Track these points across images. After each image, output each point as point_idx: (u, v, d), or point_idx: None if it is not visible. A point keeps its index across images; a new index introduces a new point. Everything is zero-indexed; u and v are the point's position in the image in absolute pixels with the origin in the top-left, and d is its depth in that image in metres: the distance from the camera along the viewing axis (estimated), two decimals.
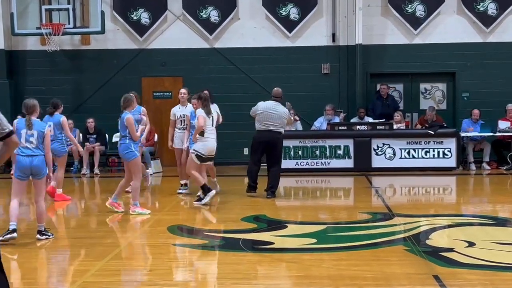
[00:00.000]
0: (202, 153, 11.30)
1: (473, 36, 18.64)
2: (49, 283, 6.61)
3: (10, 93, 18.94)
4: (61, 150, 12.21)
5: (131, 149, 10.53)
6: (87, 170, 17.17)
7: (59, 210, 11.56)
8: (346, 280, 6.42)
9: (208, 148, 11.35)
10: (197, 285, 6.61)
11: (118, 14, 18.97)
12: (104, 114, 17.83)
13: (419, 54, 18.65)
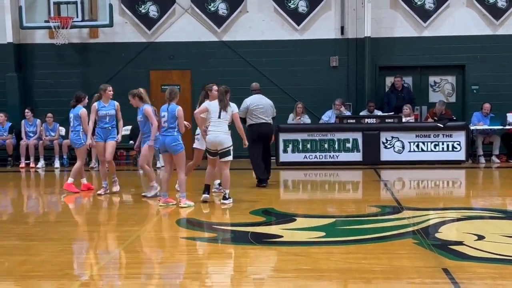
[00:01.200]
0: (206, 147, 11.15)
1: (482, 28, 18.58)
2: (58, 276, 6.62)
3: (19, 86, 18.99)
4: (77, 142, 12.34)
5: (179, 141, 10.59)
6: (96, 163, 17.20)
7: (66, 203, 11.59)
8: (355, 273, 6.42)
9: (209, 141, 10.95)
10: (205, 278, 6.61)
11: (126, 7, 18.99)
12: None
13: (428, 46, 18.60)
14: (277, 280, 6.28)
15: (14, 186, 13.83)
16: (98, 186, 12.57)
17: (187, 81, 19.19)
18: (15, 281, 6.46)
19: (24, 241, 8.49)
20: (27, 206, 11.78)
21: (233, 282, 6.37)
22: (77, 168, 12.51)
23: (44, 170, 17.18)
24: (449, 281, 6.03)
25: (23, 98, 18.91)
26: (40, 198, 11.32)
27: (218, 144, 10.90)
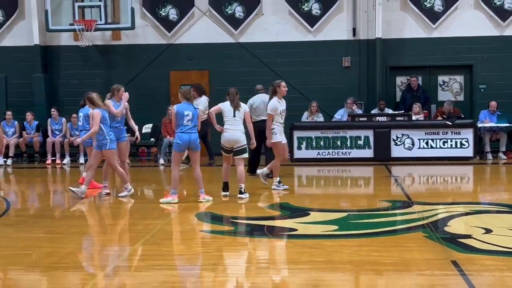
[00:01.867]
0: (221, 144, 11.16)
1: (490, 29, 18.49)
2: (83, 267, 6.66)
3: (45, 87, 19.10)
4: (87, 141, 12.31)
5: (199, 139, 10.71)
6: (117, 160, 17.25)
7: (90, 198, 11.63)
8: (367, 265, 6.40)
9: (224, 139, 11.01)
10: (223, 270, 6.62)
11: (147, 11, 19.04)
12: (134, 107, 17.85)
13: (437, 47, 18.54)
14: (292, 271, 6.28)
15: (41, 182, 13.92)
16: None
17: (205, 81, 19.20)
18: (42, 272, 6.49)
19: (51, 234, 8.53)
20: (53, 200, 11.84)
21: (249, 273, 6.37)
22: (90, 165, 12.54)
23: (69, 166, 17.27)
24: (458, 273, 6.00)
25: (49, 98, 19.01)
26: (65, 193, 11.37)
27: (234, 142, 10.94)
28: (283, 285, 5.83)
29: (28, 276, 6.33)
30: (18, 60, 19.24)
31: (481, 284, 5.66)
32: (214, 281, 6.06)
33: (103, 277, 6.16)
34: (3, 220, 9.33)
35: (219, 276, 6.31)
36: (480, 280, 5.79)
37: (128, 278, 6.19)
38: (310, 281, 5.97)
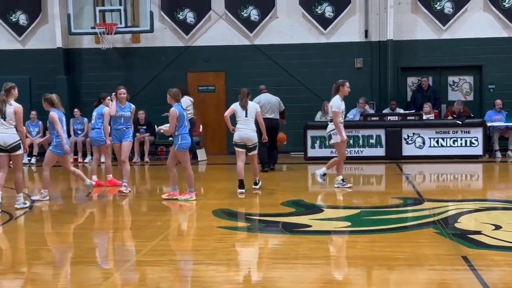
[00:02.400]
0: (234, 141, 11.35)
1: (498, 31, 18.39)
2: (106, 262, 6.69)
3: (68, 88, 19.19)
4: (99, 139, 12.33)
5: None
6: (138, 158, 17.36)
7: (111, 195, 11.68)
8: (379, 260, 6.40)
9: (238, 136, 11.22)
10: (240, 265, 6.63)
11: (165, 14, 19.09)
12: (153, 107, 17.97)
13: (447, 48, 18.45)
14: (306, 266, 6.28)
15: (63, 179, 13.96)
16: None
17: (222, 83, 19.24)
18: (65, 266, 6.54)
19: (73, 230, 8.59)
20: (76, 197, 11.90)
21: (265, 268, 6.38)
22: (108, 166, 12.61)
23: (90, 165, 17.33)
24: (468, 268, 5.98)
25: (72, 98, 19.09)
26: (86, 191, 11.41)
27: (247, 139, 11.21)
28: (297, 280, 5.83)
29: (52, 270, 6.38)
30: (42, 62, 19.35)
31: (491, 279, 5.64)
32: (231, 275, 6.07)
33: (124, 271, 6.19)
34: (28, 216, 9.39)
35: (235, 270, 6.32)
36: (490, 275, 5.77)
37: (148, 272, 6.22)
38: (324, 276, 5.98)
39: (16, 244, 7.85)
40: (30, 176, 15.47)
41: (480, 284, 5.51)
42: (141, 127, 17.87)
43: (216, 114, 19.12)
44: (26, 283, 6.03)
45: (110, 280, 5.87)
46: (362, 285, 5.75)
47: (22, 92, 19.47)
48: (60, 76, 19.14)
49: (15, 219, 9.12)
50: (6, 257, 7.08)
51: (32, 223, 8.97)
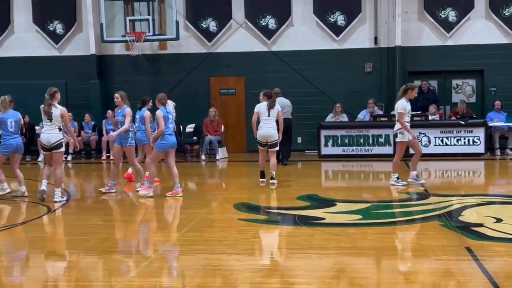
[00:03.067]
0: (257, 139, 11.51)
1: (499, 38, 18.25)
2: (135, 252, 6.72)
3: (100, 91, 19.31)
4: (142, 139, 12.38)
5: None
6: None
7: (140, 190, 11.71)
8: (389, 251, 6.38)
9: (259, 135, 11.42)
10: (259, 254, 6.64)
11: (190, 23, 19.12)
12: (178, 109, 17.96)
13: (451, 54, 18.33)
14: (320, 256, 6.27)
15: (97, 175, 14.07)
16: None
17: (242, 86, 19.25)
18: (98, 255, 6.57)
19: (106, 222, 8.64)
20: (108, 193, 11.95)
21: (282, 257, 6.38)
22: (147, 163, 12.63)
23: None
24: (471, 258, 5.95)
25: (104, 101, 19.19)
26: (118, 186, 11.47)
27: (268, 137, 11.38)
28: (312, 268, 5.82)
29: (86, 259, 6.42)
30: (77, 68, 19.46)
31: (493, 268, 5.59)
32: (251, 264, 6.08)
33: (153, 260, 6.21)
34: (64, 209, 9.46)
35: (255, 259, 6.33)
36: (492, 265, 5.73)
37: (175, 261, 6.25)
38: (337, 265, 5.97)
39: (54, 235, 7.91)
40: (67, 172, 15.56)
41: (482, 273, 5.47)
42: None
43: (236, 115, 19.17)
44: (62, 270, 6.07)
45: (139, 269, 5.89)
46: (372, 274, 5.73)
47: None
48: (93, 81, 19.25)
49: (53, 212, 9.19)
50: (45, 246, 7.14)
51: (67, 216, 9.03)
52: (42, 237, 7.71)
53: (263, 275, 5.65)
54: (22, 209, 9.56)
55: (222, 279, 5.51)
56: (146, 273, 5.75)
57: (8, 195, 10.69)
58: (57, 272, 6.02)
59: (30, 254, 6.65)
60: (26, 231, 7.86)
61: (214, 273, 5.72)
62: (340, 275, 5.67)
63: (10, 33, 19.83)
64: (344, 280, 5.48)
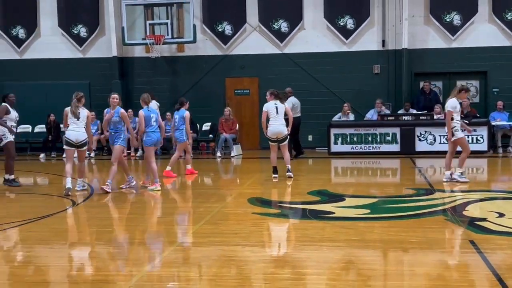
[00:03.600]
0: (268, 136, 11.68)
1: (502, 40, 18.15)
2: (155, 243, 6.75)
3: (122, 91, 19.33)
4: (180, 138, 12.43)
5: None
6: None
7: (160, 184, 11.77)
8: (395, 243, 6.35)
9: (270, 132, 11.59)
10: (271, 246, 6.64)
11: (206, 27, 19.15)
12: (195, 108, 18.04)
13: (456, 56, 18.25)
14: (330, 248, 6.27)
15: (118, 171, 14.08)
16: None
17: (255, 87, 19.25)
18: (121, 246, 6.61)
19: (127, 215, 8.69)
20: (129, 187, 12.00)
21: (294, 249, 6.38)
22: (188, 159, 12.73)
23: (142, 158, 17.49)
24: (475, 251, 5.92)
25: (125, 100, 19.18)
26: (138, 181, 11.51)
27: (278, 133, 11.57)
28: (323, 260, 5.82)
29: (109, 250, 6.45)
30: (100, 69, 19.57)
31: (495, 261, 5.56)
32: (264, 255, 6.09)
33: (172, 251, 6.23)
34: (88, 203, 9.51)
35: (268, 251, 6.33)
36: (495, 257, 5.70)
37: (193, 252, 6.26)
38: (346, 257, 5.96)
39: (78, 226, 7.96)
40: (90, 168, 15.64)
41: (485, 265, 5.44)
42: None
43: (250, 114, 19.18)
44: (87, 260, 6.11)
45: (159, 259, 5.92)
46: (380, 265, 5.72)
47: None
48: (115, 81, 19.33)
49: (77, 205, 9.24)
50: (70, 237, 7.19)
51: (91, 209, 9.08)
52: (67, 229, 7.76)
53: (275, 266, 5.66)
54: (48, 203, 9.62)
55: (237, 270, 5.52)
56: (165, 263, 5.78)
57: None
58: (81, 262, 6.06)
59: (56, 244, 6.69)
60: (53, 223, 7.91)
61: (229, 263, 5.73)
62: (349, 266, 5.66)
63: (37, 36, 19.97)
64: (353, 271, 5.47)
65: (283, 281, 5.13)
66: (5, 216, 8.40)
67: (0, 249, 6.63)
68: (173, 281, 5.28)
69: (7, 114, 11.39)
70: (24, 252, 6.36)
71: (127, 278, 5.35)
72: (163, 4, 18.74)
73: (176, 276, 5.38)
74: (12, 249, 6.50)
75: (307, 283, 5.13)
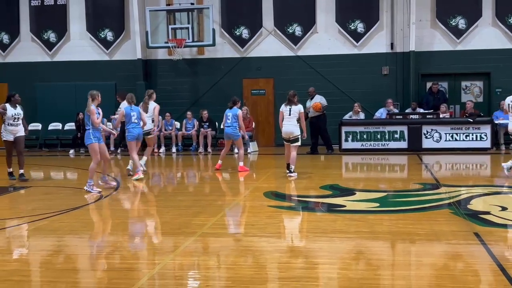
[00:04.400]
0: (282, 136, 11.62)
1: (505, 43, 17.95)
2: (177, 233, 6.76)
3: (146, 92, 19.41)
4: (234, 134, 12.41)
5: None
6: (202, 149, 17.49)
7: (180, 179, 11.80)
8: (403, 235, 6.32)
9: (283, 132, 11.56)
10: (287, 237, 6.63)
11: (225, 31, 19.14)
12: (215, 107, 18.08)
13: (460, 58, 18.08)
14: (342, 239, 6.25)
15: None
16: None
17: (271, 87, 19.22)
18: (145, 236, 6.65)
19: (150, 207, 8.72)
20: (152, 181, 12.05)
21: (307, 240, 6.36)
22: (241, 155, 12.68)
23: (164, 154, 17.56)
24: (479, 243, 5.87)
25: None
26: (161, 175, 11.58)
27: (290, 133, 11.45)
28: (334, 250, 5.81)
29: (134, 239, 6.49)
30: (125, 71, 19.64)
31: (499, 252, 5.52)
32: (279, 245, 6.08)
33: (193, 241, 6.25)
34: (114, 196, 9.57)
35: (283, 242, 6.32)
36: (498, 249, 5.65)
37: (212, 242, 6.27)
38: (356, 247, 5.94)
39: (105, 218, 8.01)
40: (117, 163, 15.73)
41: (489, 256, 5.40)
42: (204, 123, 17.98)
43: (266, 113, 19.16)
44: (114, 249, 6.14)
45: (181, 249, 5.93)
46: (388, 256, 5.70)
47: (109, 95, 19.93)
48: (139, 82, 19.40)
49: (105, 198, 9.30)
50: (97, 228, 7.23)
51: (116, 202, 9.12)
52: (95, 220, 7.81)
53: (290, 255, 5.65)
54: (77, 196, 9.69)
55: (253, 259, 5.52)
56: (186, 252, 5.79)
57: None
58: (107, 250, 6.10)
59: (85, 234, 6.74)
60: (82, 215, 7.97)
61: (246, 253, 5.74)
62: (359, 256, 5.64)
63: (66, 40, 20.09)
64: (363, 261, 5.45)
65: (297, 270, 5.13)
66: (37, 208, 8.48)
67: (34, 239, 6.69)
68: (194, 269, 5.29)
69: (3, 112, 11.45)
70: (55, 241, 6.41)
71: (150, 266, 5.38)
72: (184, 9, 18.76)
73: (196, 264, 5.40)
74: (44, 239, 6.55)
75: (319, 272, 5.12)
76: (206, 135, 17.75)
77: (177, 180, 11.92)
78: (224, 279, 4.97)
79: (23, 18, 20.12)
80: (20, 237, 6.87)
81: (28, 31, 20.10)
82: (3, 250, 6.16)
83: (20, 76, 19.93)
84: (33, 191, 10.25)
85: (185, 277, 5.09)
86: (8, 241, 6.57)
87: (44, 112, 19.59)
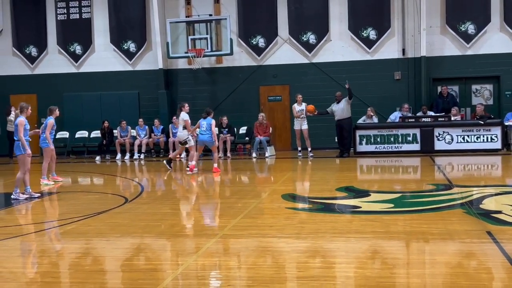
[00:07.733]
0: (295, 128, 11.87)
1: None
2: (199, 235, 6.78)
3: (167, 100, 19.57)
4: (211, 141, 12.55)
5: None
6: (222, 153, 17.52)
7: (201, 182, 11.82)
8: (418, 235, 6.27)
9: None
10: (305, 237, 6.61)
11: (242, 40, 19.20)
12: (233, 113, 18.14)
13: (470, 62, 17.95)
14: (358, 239, 6.22)
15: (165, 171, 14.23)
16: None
17: (287, 93, 19.22)
18: (168, 238, 6.66)
19: (174, 210, 8.74)
20: (174, 184, 12.11)
21: (324, 240, 6.34)
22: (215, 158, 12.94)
23: (185, 159, 17.61)
24: (491, 241, 5.81)
25: (170, 108, 19.45)
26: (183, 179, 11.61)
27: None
28: (351, 250, 5.78)
29: (158, 241, 6.51)
30: (147, 80, 19.77)
31: (511, 250, 5.45)
32: (297, 246, 6.06)
33: (214, 242, 6.26)
34: (138, 200, 9.62)
35: (301, 242, 6.31)
36: (510, 247, 5.58)
37: (232, 243, 6.28)
38: (372, 247, 5.90)
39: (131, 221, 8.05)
40: (140, 168, 15.81)
41: (502, 254, 5.34)
42: (223, 129, 18.03)
43: (282, 118, 19.16)
44: (139, 250, 6.17)
45: (203, 250, 5.95)
46: (403, 255, 5.66)
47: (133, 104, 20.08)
48: (161, 91, 19.52)
49: (130, 202, 9.35)
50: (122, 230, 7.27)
51: (141, 205, 9.17)
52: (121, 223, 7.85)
53: (308, 255, 5.64)
54: (104, 200, 9.76)
55: (272, 259, 5.52)
56: (208, 253, 5.80)
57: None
58: (133, 252, 6.13)
59: (112, 237, 6.78)
60: (108, 218, 8.02)
61: (265, 254, 5.73)
62: (375, 256, 5.61)
63: (91, 52, 20.29)
64: (379, 260, 5.42)
65: (315, 269, 5.11)
66: (66, 212, 8.56)
67: (63, 241, 6.75)
68: (215, 269, 5.30)
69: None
70: (84, 244, 6.46)
71: (174, 267, 5.39)
72: (203, 21, 18.86)
73: (218, 265, 5.40)
74: (73, 242, 6.61)
75: (337, 271, 5.10)
76: (225, 140, 17.79)
77: (197, 184, 11.94)
78: (245, 279, 4.97)
79: (50, 32, 20.36)
80: (50, 240, 6.93)
81: (55, 44, 20.34)
82: (35, 253, 6.23)
83: (48, 87, 20.17)
84: (63, 197, 10.35)
85: (208, 277, 5.09)
86: (39, 244, 6.64)
87: (71, 121, 19.78)
